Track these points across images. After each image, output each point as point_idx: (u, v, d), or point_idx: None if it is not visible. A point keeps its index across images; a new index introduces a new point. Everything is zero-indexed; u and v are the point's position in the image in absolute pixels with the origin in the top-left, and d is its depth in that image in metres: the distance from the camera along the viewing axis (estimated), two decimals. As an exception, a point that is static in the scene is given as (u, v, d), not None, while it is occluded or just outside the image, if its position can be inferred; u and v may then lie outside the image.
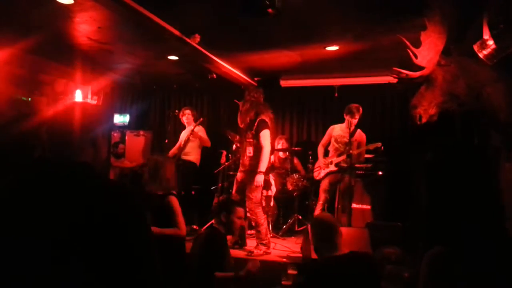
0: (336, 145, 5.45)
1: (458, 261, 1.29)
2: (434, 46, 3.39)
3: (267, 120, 4.77)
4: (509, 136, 3.39)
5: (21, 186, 1.19)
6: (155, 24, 4.25)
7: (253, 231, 5.09)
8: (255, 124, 4.73)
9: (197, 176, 6.24)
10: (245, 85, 7.04)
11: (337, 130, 5.51)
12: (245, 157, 4.82)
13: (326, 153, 5.62)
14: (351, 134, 5.12)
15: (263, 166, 4.63)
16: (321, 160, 5.57)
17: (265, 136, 4.67)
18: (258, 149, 4.69)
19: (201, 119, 6.21)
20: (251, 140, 4.74)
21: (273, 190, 5.78)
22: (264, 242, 4.70)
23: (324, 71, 6.46)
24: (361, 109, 5.28)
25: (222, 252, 3.21)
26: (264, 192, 5.17)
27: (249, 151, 4.77)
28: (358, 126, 5.27)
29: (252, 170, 4.71)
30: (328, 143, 5.62)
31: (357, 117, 5.22)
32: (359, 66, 6.10)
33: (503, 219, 1.33)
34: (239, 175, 4.98)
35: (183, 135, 6.30)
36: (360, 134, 5.38)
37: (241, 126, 4.93)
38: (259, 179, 4.63)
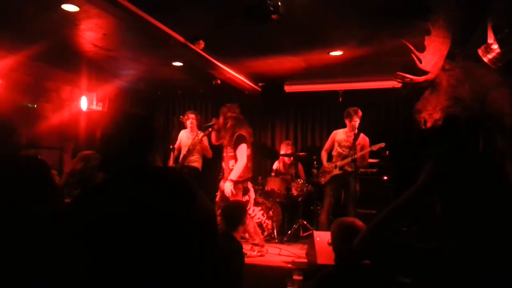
0: (340, 150, 5.43)
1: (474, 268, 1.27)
2: (439, 51, 3.39)
3: (245, 134, 5.01)
4: (515, 140, 3.38)
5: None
6: (159, 31, 4.28)
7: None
8: (234, 139, 4.97)
9: (200, 181, 6.24)
10: (249, 90, 7.06)
11: (340, 135, 5.50)
12: (228, 170, 5.04)
13: (329, 158, 5.61)
14: (355, 138, 5.11)
15: (234, 175, 4.88)
16: (325, 165, 5.56)
17: (242, 149, 4.94)
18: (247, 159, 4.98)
19: (209, 130, 6.08)
20: (233, 154, 5.00)
21: (251, 196, 5.69)
22: (256, 242, 4.75)
23: (328, 76, 6.46)
24: (359, 111, 5.27)
25: (241, 264, 3.15)
26: (245, 197, 5.30)
27: (232, 164, 5.03)
28: (361, 130, 5.27)
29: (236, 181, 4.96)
30: (331, 148, 5.61)
31: (356, 119, 5.23)
32: (363, 71, 6.10)
33: None
34: (222, 184, 5.15)
35: (186, 141, 6.26)
36: (363, 138, 5.38)
37: (223, 142, 5.16)
38: (227, 186, 4.87)
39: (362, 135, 5.32)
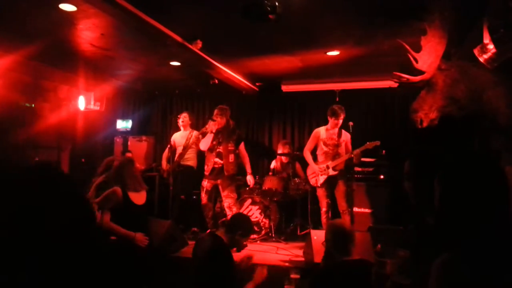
0: (325, 149, 5.38)
1: (468, 268, 1.28)
2: (435, 51, 3.41)
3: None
4: (510, 139, 3.41)
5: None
6: (157, 31, 4.29)
7: (254, 235, 5.17)
8: (237, 137, 5.72)
9: (196, 179, 6.24)
10: (246, 90, 7.07)
11: (323, 133, 5.45)
12: (228, 163, 5.57)
13: (313, 158, 5.54)
14: (339, 135, 5.20)
15: (250, 168, 5.82)
16: (313, 165, 5.43)
17: (243, 146, 5.82)
18: (237, 155, 5.71)
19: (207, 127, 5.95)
20: (233, 148, 5.63)
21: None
22: None
23: (325, 76, 6.48)
24: (343, 109, 5.30)
25: (230, 261, 3.13)
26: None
27: (231, 158, 5.61)
28: (358, 130, 5.29)
29: (234, 174, 5.65)
30: (314, 148, 5.56)
31: (342, 117, 5.26)
32: (360, 71, 6.13)
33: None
34: (208, 184, 5.66)
35: (180, 140, 6.24)
36: (345, 135, 5.39)
37: (218, 140, 5.62)
38: (251, 179, 5.80)
39: (343, 131, 5.36)
